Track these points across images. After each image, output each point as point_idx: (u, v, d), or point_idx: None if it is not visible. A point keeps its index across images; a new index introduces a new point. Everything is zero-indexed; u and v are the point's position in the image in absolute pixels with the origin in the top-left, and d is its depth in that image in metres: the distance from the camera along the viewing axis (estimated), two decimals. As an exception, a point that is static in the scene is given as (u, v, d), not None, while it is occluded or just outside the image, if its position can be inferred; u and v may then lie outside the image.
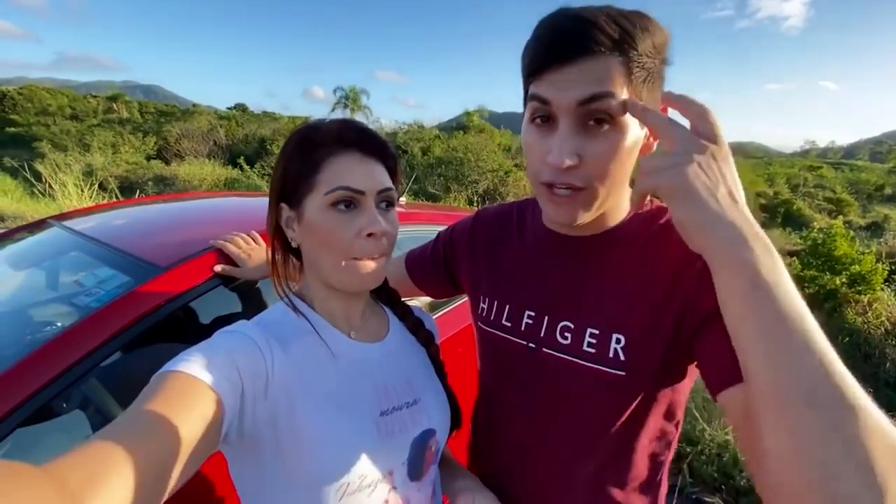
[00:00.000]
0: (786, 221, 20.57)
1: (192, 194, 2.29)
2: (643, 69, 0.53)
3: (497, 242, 0.80)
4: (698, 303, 0.55)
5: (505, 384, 0.75)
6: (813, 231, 7.76)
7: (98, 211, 1.77)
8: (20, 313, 1.24)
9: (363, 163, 0.62)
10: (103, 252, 1.19)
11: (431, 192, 13.93)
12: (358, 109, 37.06)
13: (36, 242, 1.49)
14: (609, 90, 0.52)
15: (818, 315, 2.29)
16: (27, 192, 10.34)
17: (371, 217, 0.61)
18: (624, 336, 0.60)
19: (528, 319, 0.70)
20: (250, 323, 0.62)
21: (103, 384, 0.91)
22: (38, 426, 0.80)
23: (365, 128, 0.64)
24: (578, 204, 0.58)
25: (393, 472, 0.63)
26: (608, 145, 0.55)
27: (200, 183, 14.66)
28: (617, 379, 0.61)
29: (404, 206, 2.36)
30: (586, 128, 0.55)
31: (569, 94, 0.53)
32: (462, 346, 1.59)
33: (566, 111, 0.54)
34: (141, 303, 0.92)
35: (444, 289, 0.96)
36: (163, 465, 0.41)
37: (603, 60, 0.52)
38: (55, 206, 7.75)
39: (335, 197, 0.59)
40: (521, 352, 0.70)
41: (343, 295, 0.66)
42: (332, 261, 0.61)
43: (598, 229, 0.66)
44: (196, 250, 1.07)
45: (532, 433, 0.71)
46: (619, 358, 0.60)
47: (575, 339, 0.64)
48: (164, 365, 0.50)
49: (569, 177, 0.56)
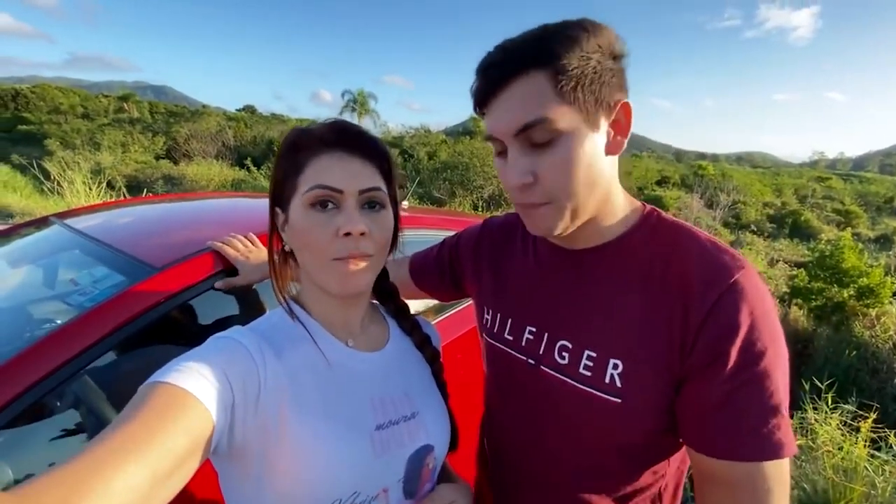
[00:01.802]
0: (793, 232, 20.41)
1: (195, 194, 2.29)
2: (570, 76, 0.52)
3: (502, 253, 0.79)
4: (696, 348, 0.54)
5: (507, 397, 0.74)
6: (821, 242, 7.68)
7: (101, 209, 1.77)
8: (14, 311, 1.24)
9: (344, 161, 0.60)
10: (101, 251, 1.18)
11: (436, 197, 13.95)
12: (365, 113, 37.28)
13: (36, 240, 1.49)
14: (539, 115, 0.53)
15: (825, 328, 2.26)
16: (37, 190, 10.45)
17: (348, 216, 0.58)
18: (622, 362, 0.58)
19: (528, 335, 0.69)
20: (245, 329, 0.60)
21: (94, 385, 0.90)
22: (23, 425, 0.79)
23: (349, 126, 0.62)
24: (548, 216, 0.59)
25: (388, 490, 0.60)
26: (559, 158, 0.55)
27: (208, 183, 14.76)
28: (612, 405, 0.58)
29: (407, 209, 2.36)
30: (534, 147, 0.56)
31: (504, 124, 0.56)
32: (462, 351, 1.57)
33: (508, 138, 0.57)
34: (133, 303, 0.90)
35: (446, 293, 0.96)
36: (145, 485, 0.40)
37: (525, 80, 0.54)
38: (63, 204, 7.82)
39: (312, 196, 0.58)
40: (521, 367, 0.69)
41: (339, 301, 0.64)
42: (314, 263, 0.60)
43: (597, 240, 0.64)
44: (192, 251, 1.06)
45: (533, 447, 0.69)
46: (615, 384, 0.58)
47: (572, 360, 0.62)
48: (155, 368, 0.49)
49: (530, 195, 0.58)
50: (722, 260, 0.56)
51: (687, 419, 0.56)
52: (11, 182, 12.07)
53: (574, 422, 0.63)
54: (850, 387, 4.55)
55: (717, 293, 0.53)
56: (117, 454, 0.39)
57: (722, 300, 0.53)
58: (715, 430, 0.53)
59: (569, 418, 0.64)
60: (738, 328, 0.51)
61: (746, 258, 0.57)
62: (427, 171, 16.29)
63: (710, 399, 0.52)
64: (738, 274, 0.54)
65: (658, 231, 0.62)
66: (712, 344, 0.52)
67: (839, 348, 5.36)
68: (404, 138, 25.86)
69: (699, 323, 0.53)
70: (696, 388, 0.54)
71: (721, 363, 0.52)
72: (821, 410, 2.68)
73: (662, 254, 0.59)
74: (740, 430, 0.51)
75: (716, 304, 0.53)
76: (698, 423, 0.54)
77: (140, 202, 1.95)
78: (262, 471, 0.53)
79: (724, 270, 0.54)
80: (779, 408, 0.51)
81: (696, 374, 0.54)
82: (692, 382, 0.54)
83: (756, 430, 0.51)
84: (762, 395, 0.51)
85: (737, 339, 0.51)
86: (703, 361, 0.53)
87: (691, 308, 0.54)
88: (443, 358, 0.76)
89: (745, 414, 0.51)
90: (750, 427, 0.51)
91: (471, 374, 1.45)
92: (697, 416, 0.54)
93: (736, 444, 0.51)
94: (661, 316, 0.56)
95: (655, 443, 0.62)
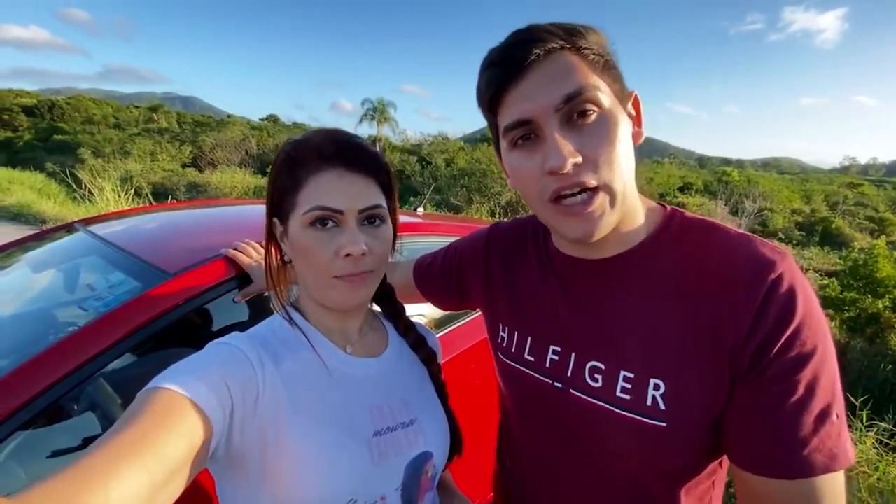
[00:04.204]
0: (824, 240, 19.71)
1: (213, 201, 2.33)
2: (598, 56, 0.52)
3: (515, 264, 0.73)
4: (747, 349, 0.49)
5: (530, 424, 0.69)
6: (853, 251, 7.38)
7: (123, 216, 1.82)
8: (36, 315, 1.27)
9: (344, 179, 0.58)
10: (118, 256, 1.20)
11: (454, 204, 13.97)
12: (384, 122, 37.72)
13: (60, 245, 1.54)
14: (584, 83, 0.50)
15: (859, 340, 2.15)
16: (70, 197, 10.88)
17: (350, 237, 0.57)
18: (663, 382, 0.52)
19: (552, 355, 0.63)
20: (244, 335, 0.60)
21: (107, 388, 0.91)
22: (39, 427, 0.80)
23: (348, 140, 0.60)
24: (597, 207, 0.52)
25: (385, 498, 0.59)
26: (604, 130, 0.51)
27: (231, 190, 15.12)
28: (656, 430, 0.53)
29: (422, 216, 2.35)
30: (574, 124, 0.51)
31: (544, 98, 0.51)
32: (475, 361, 1.54)
33: (548, 116, 0.51)
34: (145, 308, 0.91)
35: (450, 300, 0.90)
36: (143, 491, 0.39)
37: (559, 56, 0.51)
38: (94, 210, 8.12)
39: (312, 217, 0.57)
40: (546, 391, 0.63)
41: (336, 311, 0.64)
42: (314, 279, 0.60)
43: (620, 247, 0.59)
44: (206, 257, 1.06)
45: (564, 470, 0.64)
46: (658, 407, 0.52)
47: (606, 383, 0.56)
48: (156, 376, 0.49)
49: (577, 176, 0.51)
50: (762, 252, 0.51)
51: (733, 431, 0.51)
52: (46, 189, 12.60)
53: (612, 450, 0.58)
54: (887, 403, 4.33)
55: (764, 287, 0.48)
56: (115, 461, 0.39)
57: (771, 293, 0.48)
58: (763, 441, 0.48)
59: (605, 446, 0.58)
60: (791, 321, 0.47)
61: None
62: (444, 177, 16.34)
63: (760, 407, 0.48)
64: (783, 265, 0.50)
65: (686, 232, 0.57)
66: (765, 342, 0.48)
67: (874, 362, 5.12)
68: (423, 146, 26.04)
69: (751, 321, 0.48)
70: (746, 395, 0.49)
71: (774, 364, 0.48)
72: (855, 428, 2.55)
73: (695, 256, 0.54)
74: (789, 442, 0.46)
75: (766, 298, 0.48)
76: (744, 436, 0.50)
77: (160, 209, 2.00)
78: (259, 477, 0.53)
79: (768, 263, 0.50)
80: (830, 411, 0.47)
81: (746, 379, 0.49)
82: (742, 389, 0.49)
83: (805, 441, 0.46)
84: (812, 399, 0.46)
85: (790, 333, 0.47)
86: (754, 364, 0.48)
87: (739, 307, 0.49)
88: (454, 370, 0.74)
89: (794, 423, 0.46)
90: (800, 438, 0.46)
91: (484, 385, 1.43)
92: (744, 427, 0.50)
93: (785, 458, 0.47)
94: (703, 324, 0.51)
95: (701, 466, 0.56)
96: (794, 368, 0.47)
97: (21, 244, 1.65)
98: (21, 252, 1.59)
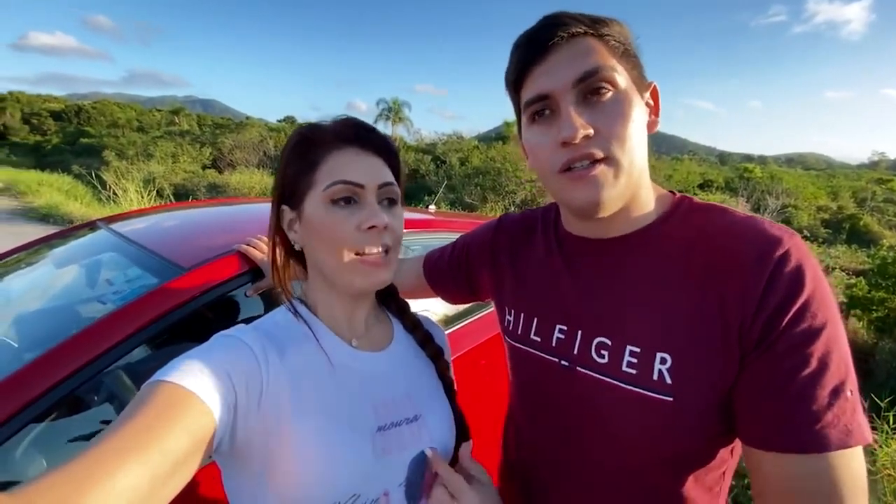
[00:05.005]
0: (851, 238, 19.06)
1: (229, 200, 2.38)
2: (619, 43, 0.56)
3: (522, 248, 0.75)
4: (755, 324, 0.48)
5: (536, 405, 0.69)
6: (882, 249, 7.12)
7: (143, 214, 1.87)
8: (57, 309, 1.31)
9: (361, 157, 0.61)
10: (136, 252, 1.24)
11: (468, 202, 13.94)
12: (399, 121, 37.86)
13: (84, 242, 1.59)
14: (600, 64, 0.54)
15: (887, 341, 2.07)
16: (95, 198, 11.22)
17: (371, 210, 0.59)
18: (670, 356, 0.53)
19: (559, 334, 0.64)
20: (249, 327, 0.60)
21: (125, 379, 0.93)
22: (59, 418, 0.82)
23: (363, 123, 0.63)
24: (600, 173, 0.54)
25: (389, 494, 0.59)
26: (617, 108, 0.54)
27: (249, 190, 15.36)
28: (663, 405, 0.53)
29: (434, 213, 2.35)
30: (589, 101, 0.55)
31: (562, 74, 0.54)
32: (486, 357, 1.54)
33: (565, 91, 0.54)
34: (161, 301, 0.94)
35: (460, 293, 0.91)
36: (146, 484, 0.40)
37: (581, 40, 0.55)
38: (118, 211, 8.35)
39: (334, 192, 0.58)
40: (553, 370, 0.64)
41: (347, 299, 0.64)
42: (335, 259, 0.59)
43: (628, 228, 0.60)
44: (220, 253, 1.09)
45: (567, 459, 0.64)
46: (664, 381, 0.53)
47: (613, 359, 0.57)
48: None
49: (587, 147, 0.54)
50: (769, 230, 0.52)
51: (744, 408, 0.50)
52: (73, 191, 13.02)
53: (619, 428, 0.57)
54: (917, 406, 4.17)
55: (772, 263, 0.49)
56: (118, 454, 0.39)
57: (779, 269, 0.49)
58: (775, 415, 0.47)
59: (613, 424, 0.58)
60: (800, 295, 0.47)
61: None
62: (459, 176, 16.31)
63: (771, 381, 0.47)
64: (790, 242, 0.50)
65: (693, 214, 0.59)
66: (774, 315, 0.48)
67: (904, 364, 4.95)
68: (437, 145, 26.05)
69: (759, 296, 0.48)
70: (757, 370, 0.49)
71: (784, 337, 0.47)
72: (881, 430, 2.47)
73: (703, 236, 0.56)
74: (803, 416, 0.46)
75: (773, 274, 0.48)
76: (756, 411, 0.49)
77: (176, 207, 2.04)
78: (263, 470, 0.53)
79: (775, 239, 0.51)
80: (843, 388, 0.46)
81: (755, 354, 0.49)
82: (753, 364, 0.49)
83: (819, 415, 0.45)
84: (825, 374, 0.46)
85: (799, 306, 0.47)
86: (763, 338, 0.48)
87: (748, 283, 0.49)
88: (464, 366, 0.74)
89: (807, 397, 0.45)
90: (813, 412, 0.45)
91: (495, 381, 1.42)
92: (756, 402, 0.49)
93: (798, 433, 0.46)
94: (712, 300, 0.51)
95: (710, 454, 0.56)
96: (806, 342, 0.46)
97: (47, 241, 1.71)
98: (47, 249, 1.65)
